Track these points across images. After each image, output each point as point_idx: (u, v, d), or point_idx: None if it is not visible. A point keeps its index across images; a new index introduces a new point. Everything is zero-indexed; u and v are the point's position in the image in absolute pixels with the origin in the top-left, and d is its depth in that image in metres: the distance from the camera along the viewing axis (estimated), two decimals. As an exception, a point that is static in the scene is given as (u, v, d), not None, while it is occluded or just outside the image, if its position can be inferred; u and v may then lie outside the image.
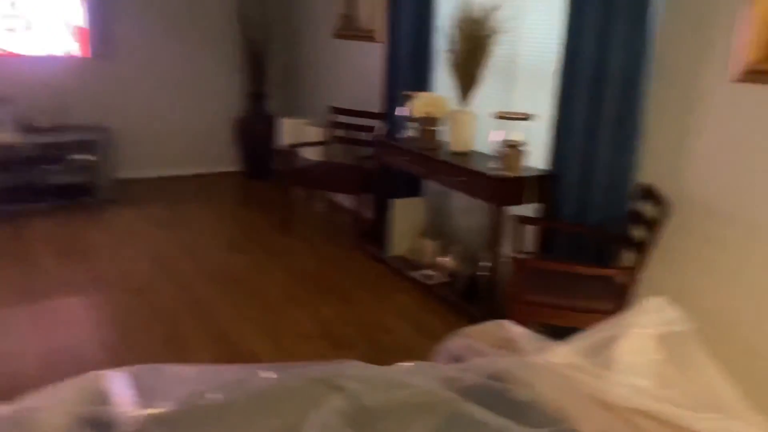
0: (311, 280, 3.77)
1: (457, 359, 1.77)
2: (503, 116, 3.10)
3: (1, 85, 4.79)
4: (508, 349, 1.78)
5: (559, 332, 2.66)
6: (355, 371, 1.29)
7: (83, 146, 4.94)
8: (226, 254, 4.13)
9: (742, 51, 2.40)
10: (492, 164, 3.13)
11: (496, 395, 1.41)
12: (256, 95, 5.82)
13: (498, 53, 3.41)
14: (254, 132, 5.81)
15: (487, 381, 1.44)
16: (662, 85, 2.71)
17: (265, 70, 5.81)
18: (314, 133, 4.88)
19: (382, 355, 2.94)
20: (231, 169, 6.08)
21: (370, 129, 4.39)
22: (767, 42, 2.32)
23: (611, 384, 1.53)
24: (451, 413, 1.20)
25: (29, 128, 4.83)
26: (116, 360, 2.77)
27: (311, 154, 4.87)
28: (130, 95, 5.49)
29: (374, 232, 4.11)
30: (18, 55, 4.94)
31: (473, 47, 3.35)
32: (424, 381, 1.32)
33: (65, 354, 2.85)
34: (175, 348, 2.94)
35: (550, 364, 1.61)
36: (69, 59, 5.14)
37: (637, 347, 1.56)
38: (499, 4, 3.29)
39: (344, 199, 5.04)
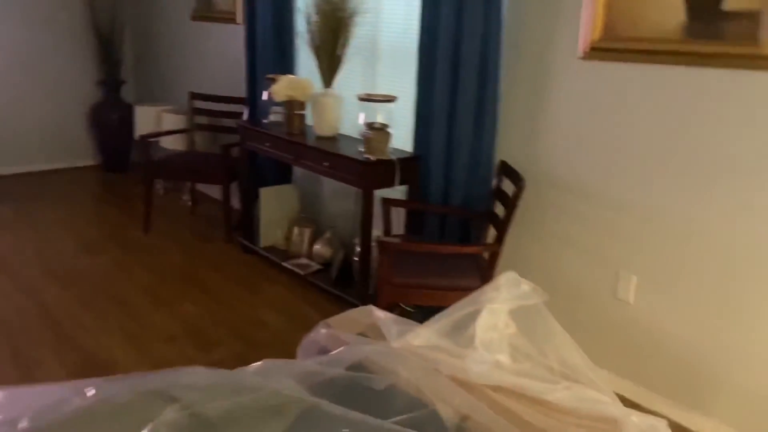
0: (177, 278, 3.55)
1: (323, 351, 1.71)
2: (366, 98, 3.05)
3: None
4: (373, 335, 1.74)
5: (434, 312, 2.70)
6: (193, 378, 1.18)
7: None
8: (80, 256, 3.80)
9: (587, 30, 2.50)
10: (359, 148, 3.08)
11: (355, 387, 1.35)
12: (110, 82, 5.40)
13: (360, 34, 3.36)
14: (110, 122, 5.39)
15: (346, 373, 1.38)
16: (516, 64, 2.78)
17: (118, 56, 5.40)
18: (174, 121, 4.60)
19: (254, 352, 2.83)
20: (87, 162, 5.63)
21: (234, 115, 4.20)
22: (609, 21, 2.43)
23: (471, 362, 1.53)
24: (301, 413, 1.13)
25: None
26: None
27: (172, 144, 4.59)
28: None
29: (244, 223, 3.95)
30: None
31: (334, 28, 3.27)
32: (276, 381, 1.24)
33: None
34: (22, 365, 2.65)
35: (411, 347, 1.59)
36: None
37: (493, 323, 1.57)
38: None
39: (212, 190, 4.81)
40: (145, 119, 4.84)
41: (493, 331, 1.58)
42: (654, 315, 2.46)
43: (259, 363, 1.40)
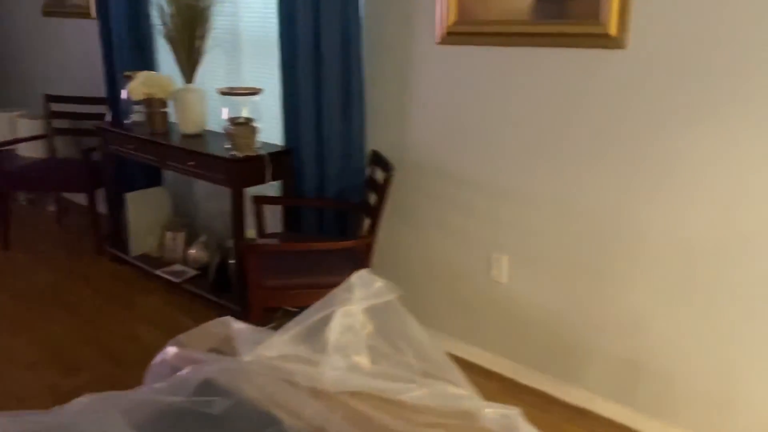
0: (41, 297, 3.26)
1: (174, 373, 1.58)
2: (228, 92, 2.90)
3: None
4: (228, 350, 1.63)
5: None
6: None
7: None
8: (-75, 283, 3.42)
9: (442, 15, 2.47)
10: (225, 145, 2.92)
11: (191, 414, 1.25)
12: (-44, 87, 4.89)
13: (219, 25, 3.19)
14: (-41, 131, 4.88)
15: (182, 399, 1.27)
16: (378, 52, 2.72)
17: (-38, 57, 4.89)
18: (30, 127, 4.22)
19: (123, 372, 2.64)
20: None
21: (97, 116, 3.90)
22: (462, 4, 2.41)
23: (325, 369, 1.46)
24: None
25: None
26: None
27: (30, 151, 4.21)
28: None
29: (114, 232, 3.69)
30: None
31: (190, 19, 3.08)
32: (95, 419, 1.11)
33: None
34: None
35: (263, 359, 1.50)
36: None
37: (348, 324, 1.51)
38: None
39: (80, 198, 4.48)
40: (-3, 126, 4.42)
41: (349, 332, 1.52)
42: (526, 293, 2.50)
43: (82, 398, 1.26)
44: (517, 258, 2.50)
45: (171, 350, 1.63)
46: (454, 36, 2.45)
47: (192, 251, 3.41)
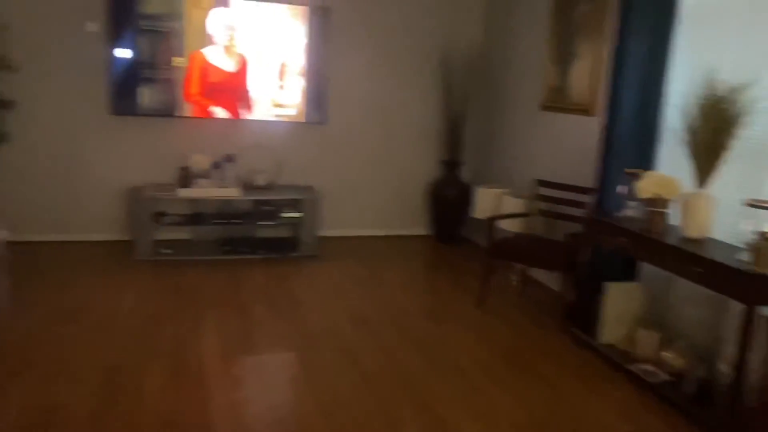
0: (511, 358, 3.60)
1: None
2: (756, 204, 2.78)
3: (229, 146, 5.31)
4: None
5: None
6: None
7: (292, 204, 5.28)
8: (425, 322, 4.11)
9: None
10: (741, 256, 2.80)
11: None
12: (451, 162, 5.88)
13: (747, 134, 3.10)
14: (447, 198, 5.86)
15: None
16: None
17: (461, 138, 5.88)
18: (512, 204, 4.78)
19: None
20: (421, 232, 6.16)
21: (577, 204, 4.20)
22: None
23: None
24: None
25: (248, 186, 5.28)
26: (332, 422, 2.80)
27: (508, 226, 4.76)
28: (335, 158, 5.82)
29: (580, 315, 3.86)
30: (243, 119, 5.42)
31: (717, 127, 3.08)
32: None
33: (285, 410, 2.94)
34: (383, 417, 2.90)
35: None
36: (287, 124, 5.58)
37: None
38: (750, 80, 3.01)
39: (539, 274, 4.85)
40: (484, 200, 5.12)
41: None
42: None
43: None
44: None
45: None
46: None
47: (667, 354, 3.33)
